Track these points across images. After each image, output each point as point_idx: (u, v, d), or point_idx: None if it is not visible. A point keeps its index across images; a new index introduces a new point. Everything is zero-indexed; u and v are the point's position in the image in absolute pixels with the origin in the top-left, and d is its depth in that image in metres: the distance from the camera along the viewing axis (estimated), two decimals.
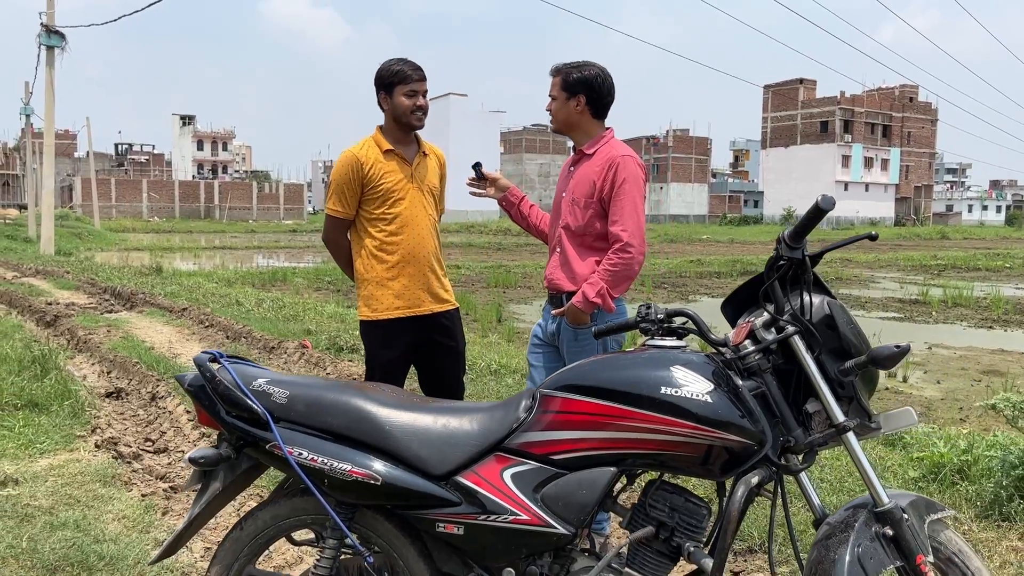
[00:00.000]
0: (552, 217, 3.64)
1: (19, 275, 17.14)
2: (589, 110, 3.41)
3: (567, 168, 3.59)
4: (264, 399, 2.23)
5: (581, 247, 3.40)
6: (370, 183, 3.61)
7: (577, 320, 3.30)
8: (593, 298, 3.24)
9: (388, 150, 3.63)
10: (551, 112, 3.47)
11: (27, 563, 3.33)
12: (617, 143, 3.45)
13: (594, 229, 3.37)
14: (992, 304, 15.60)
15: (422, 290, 3.70)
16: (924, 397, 8.34)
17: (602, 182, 3.32)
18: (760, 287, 2.20)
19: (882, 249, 39.49)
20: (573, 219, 3.41)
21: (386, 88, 3.60)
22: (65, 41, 23.78)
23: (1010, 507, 3.64)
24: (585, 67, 3.39)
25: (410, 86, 3.57)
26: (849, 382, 2.12)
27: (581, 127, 3.44)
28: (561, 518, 2.09)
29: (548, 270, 3.56)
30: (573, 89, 3.37)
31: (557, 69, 3.44)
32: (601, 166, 3.34)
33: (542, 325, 3.58)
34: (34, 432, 5.24)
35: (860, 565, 1.99)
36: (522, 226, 3.86)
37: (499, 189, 3.75)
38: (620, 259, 3.26)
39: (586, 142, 3.45)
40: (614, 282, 3.27)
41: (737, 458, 2.06)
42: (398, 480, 2.13)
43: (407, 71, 3.58)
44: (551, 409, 2.16)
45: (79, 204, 65.69)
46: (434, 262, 3.77)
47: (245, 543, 2.34)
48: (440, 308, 3.77)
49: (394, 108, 3.60)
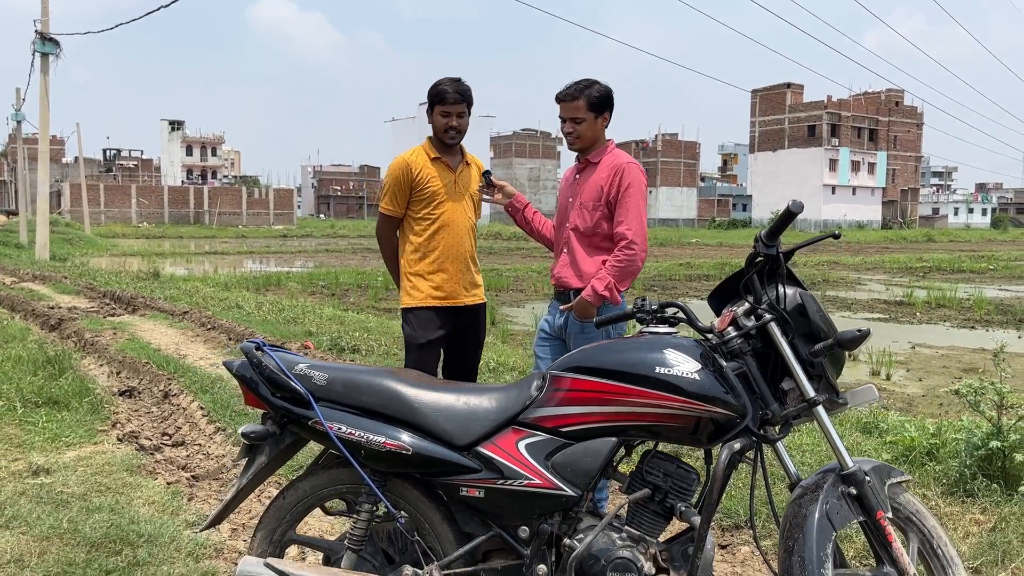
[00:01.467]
0: (558, 221, 3.94)
1: (17, 280, 17.33)
2: (607, 123, 3.74)
3: (572, 176, 3.89)
4: (306, 381, 2.52)
5: (589, 247, 3.72)
6: (417, 186, 3.97)
7: (585, 313, 3.61)
8: (602, 292, 3.56)
9: (435, 158, 3.99)
10: (577, 133, 3.68)
11: (71, 541, 3.60)
12: (620, 152, 3.77)
13: (601, 230, 3.69)
14: (975, 305, 16.00)
15: (458, 284, 4.05)
16: (906, 394, 8.68)
17: (608, 187, 3.64)
18: (741, 281, 2.52)
19: (869, 252, 40.04)
20: (582, 221, 3.72)
21: (430, 104, 3.94)
22: (59, 48, 23.98)
23: (973, 484, 3.96)
24: (597, 85, 3.67)
25: (446, 107, 3.89)
26: (819, 362, 2.43)
27: (600, 141, 3.76)
28: (569, 482, 2.39)
29: (556, 269, 3.87)
30: (600, 108, 3.67)
31: (574, 93, 3.64)
32: (608, 173, 3.66)
33: (549, 320, 3.88)
34: (58, 427, 5.51)
35: (828, 519, 2.31)
36: (525, 230, 4.17)
37: (506, 195, 3.99)
38: (626, 256, 3.60)
39: (593, 152, 3.75)
40: (620, 277, 3.61)
41: (722, 428, 2.38)
42: (426, 450, 2.43)
43: (446, 91, 3.88)
44: (560, 388, 2.46)
45: (67, 210, 65.62)
46: (470, 260, 4.10)
47: (287, 511, 2.63)
48: (472, 301, 4.13)
49: (433, 124, 3.95)
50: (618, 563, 2.37)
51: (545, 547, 2.43)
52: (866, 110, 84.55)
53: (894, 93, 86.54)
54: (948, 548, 2.53)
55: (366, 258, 31.89)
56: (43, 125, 24.12)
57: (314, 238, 53.33)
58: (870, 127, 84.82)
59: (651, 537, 2.44)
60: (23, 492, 4.23)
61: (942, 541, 2.53)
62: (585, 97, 3.64)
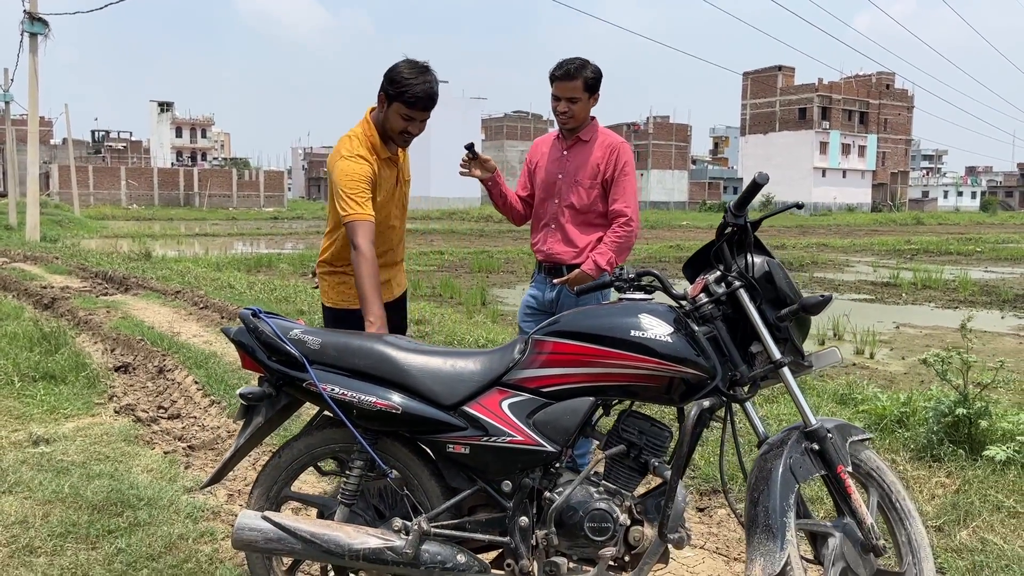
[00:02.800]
0: (542, 195, 3.97)
1: (8, 260, 17.35)
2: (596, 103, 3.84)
3: (559, 151, 3.90)
4: (300, 345, 2.66)
5: (583, 224, 3.83)
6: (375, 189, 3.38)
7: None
8: (603, 265, 3.71)
9: (387, 157, 3.40)
10: (572, 113, 3.74)
11: (73, 504, 3.74)
12: (607, 130, 3.88)
13: (596, 207, 3.81)
14: (960, 286, 16.21)
15: (393, 280, 3.69)
16: (889, 372, 8.86)
17: (605, 165, 3.77)
18: (712, 250, 2.66)
19: (858, 235, 40.30)
20: (577, 198, 3.81)
21: (387, 95, 3.26)
22: (48, 28, 23.84)
23: (940, 450, 4.14)
24: (591, 65, 3.74)
25: (412, 112, 3.25)
26: (785, 326, 2.58)
27: (588, 119, 3.86)
28: (549, 439, 2.54)
29: (543, 244, 3.92)
30: (594, 88, 3.77)
31: (572, 73, 3.68)
32: (603, 151, 3.78)
33: (536, 295, 3.97)
34: (56, 400, 5.64)
35: (791, 473, 2.46)
36: (498, 204, 4.12)
37: (487, 171, 3.93)
38: (625, 232, 3.76)
39: (582, 130, 3.85)
40: (619, 251, 3.76)
41: (693, 388, 2.52)
42: (414, 410, 2.57)
43: (417, 96, 3.21)
44: (542, 351, 2.60)
45: (56, 191, 65.26)
46: (401, 256, 3.78)
47: (283, 468, 2.77)
48: (400, 292, 3.77)
49: (386, 117, 3.30)
50: (595, 514, 2.52)
51: (527, 500, 2.58)
52: (857, 93, 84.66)
53: (885, 76, 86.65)
54: (906, 502, 2.70)
55: None
56: (32, 106, 24.01)
57: (305, 220, 53.27)
58: (861, 110, 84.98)
59: (626, 491, 2.59)
60: (24, 460, 4.36)
61: (900, 495, 2.69)
62: (583, 78, 3.70)
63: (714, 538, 3.65)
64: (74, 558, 3.22)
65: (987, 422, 4.05)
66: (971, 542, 3.40)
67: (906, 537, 2.67)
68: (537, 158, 4.03)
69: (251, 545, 2.59)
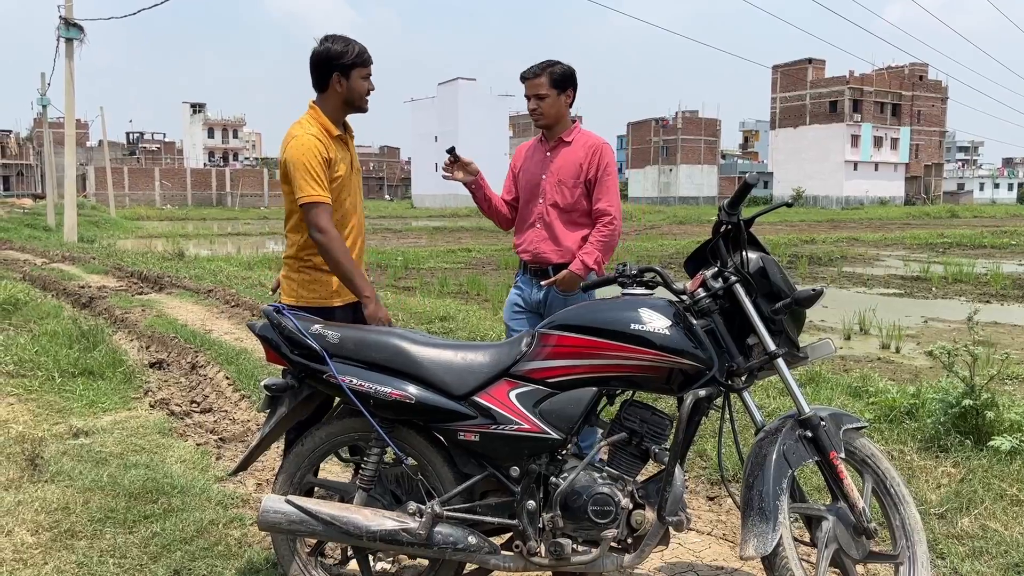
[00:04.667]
0: (526, 197, 4.01)
1: (48, 261, 17.84)
2: (571, 101, 3.92)
3: (542, 153, 3.98)
4: (321, 340, 2.82)
5: (568, 223, 3.89)
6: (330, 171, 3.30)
7: (571, 286, 3.79)
8: (591, 265, 3.78)
9: (338, 136, 3.36)
10: (541, 110, 3.84)
11: (111, 492, 3.95)
12: (589, 132, 3.95)
13: (581, 206, 3.87)
14: (992, 280, 16.03)
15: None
16: (914, 366, 8.86)
17: (588, 165, 3.84)
18: (708, 247, 2.79)
19: (890, 228, 39.84)
20: (562, 198, 3.88)
21: (342, 70, 3.28)
22: (83, 33, 24.39)
23: (947, 440, 4.22)
24: (559, 64, 3.84)
25: (368, 69, 3.36)
26: (779, 319, 2.70)
27: (565, 118, 3.93)
28: (554, 427, 2.68)
29: (529, 245, 3.96)
30: (562, 85, 3.85)
31: (536, 71, 3.81)
32: (585, 152, 3.85)
33: (521, 294, 4.02)
34: (94, 394, 5.89)
35: (785, 458, 2.59)
36: (483, 207, 4.13)
37: (469, 173, 3.96)
38: (609, 231, 3.83)
39: (564, 131, 3.93)
40: (605, 250, 3.83)
41: (691, 379, 2.65)
42: (428, 399, 2.73)
43: (366, 54, 3.34)
44: (547, 343, 2.75)
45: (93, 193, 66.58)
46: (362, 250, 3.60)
47: (305, 456, 2.94)
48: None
49: (350, 91, 3.32)
50: (598, 498, 2.66)
51: (534, 485, 2.72)
52: (889, 85, 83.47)
53: (918, 67, 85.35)
54: (900, 487, 2.80)
55: (386, 238, 32.29)
56: (68, 109, 24.59)
57: None
58: (893, 102, 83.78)
59: (629, 476, 2.72)
60: (65, 452, 4.59)
61: (895, 481, 2.80)
62: (548, 74, 3.80)
63: (722, 525, 3.77)
64: (112, 541, 3.43)
65: (994, 413, 4.11)
66: (972, 529, 3.48)
67: (900, 521, 2.78)
68: (520, 162, 4.09)
69: (276, 527, 2.77)
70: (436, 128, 78.56)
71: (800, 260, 20.46)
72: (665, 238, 31.10)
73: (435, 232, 36.34)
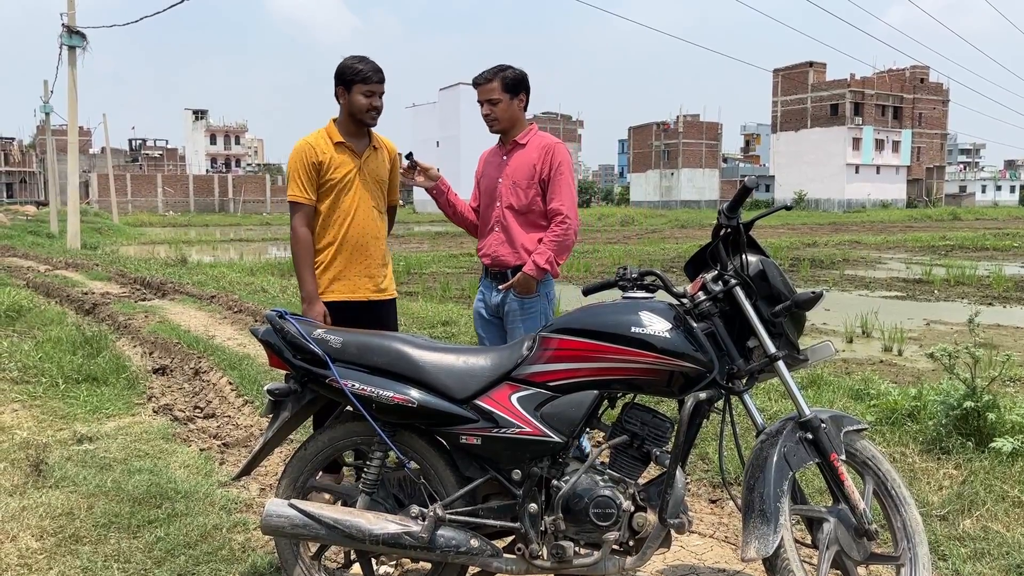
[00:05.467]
0: (485, 201, 4.02)
1: (51, 268, 17.90)
2: (524, 105, 3.93)
3: (499, 157, 4.00)
4: (323, 344, 2.84)
5: (525, 224, 3.88)
6: (322, 174, 3.71)
7: (527, 288, 3.80)
8: (543, 265, 3.77)
9: (339, 142, 3.74)
10: (494, 115, 3.85)
11: (115, 497, 3.97)
12: (545, 133, 3.97)
13: (536, 207, 3.86)
14: (994, 282, 16.01)
15: (360, 277, 3.82)
16: (916, 368, 8.85)
17: (541, 165, 3.84)
18: (708, 250, 2.80)
19: (892, 231, 39.81)
20: (516, 199, 3.87)
21: (345, 84, 3.71)
22: (86, 41, 24.48)
23: (949, 442, 4.23)
24: (511, 69, 3.85)
25: (369, 87, 3.69)
26: (779, 322, 2.71)
27: (520, 122, 3.94)
28: (555, 430, 2.69)
29: (489, 248, 3.97)
30: (515, 89, 3.86)
31: (488, 76, 3.82)
32: (538, 152, 3.85)
33: (484, 301, 4.02)
34: (98, 400, 5.91)
35: (785, 460, 2.60)
36: (447, 214, 4.14)
37: (430, 179, 3.94)
38: (562, 230, 3.80)
39: (518, 134, 3.94)
40: (558, 251, 3.82)
41: (692, 381, 2.67)
42: (429, 403, 2.74)
43: (368, 72, 3.69)
44: (548, 347, 2.76)
45: (96, 199, 66.71)
46: (376, 252, 3.87)
47: (308, 460, 2.96)
48: (377, 297, 3.88)
49: (351, 104, 3.71)
50: (600, 501, 2.67)
51: (536, 488, 2.73)
52: (890, 88, 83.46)
53: (919, 70, 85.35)
54: (901, 489, 2.81)
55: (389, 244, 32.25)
56: (71, 117, 24.67)
57: None
58: (894, 105, 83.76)
59: (630, 479, 2.73)
60: (69, 457, 4.60)
61: (896, 483, 2.81)
62: (500, 79, 3.81)
63: (724, 528, 3.77)
64: (117, 546, 3.44)
65: (995, 415, 4.12)
66: (974, 530, 3.49)
67: (901, 523, 2.78)
68: (481, 167, 4.11)
69: (279, 530, 2.78)
70: (438, 133, 78.72)
71: (802, 263, 20.46)
72: (666, 242, 31.09)
73: (437, 237, 36.36)
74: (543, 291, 3.87)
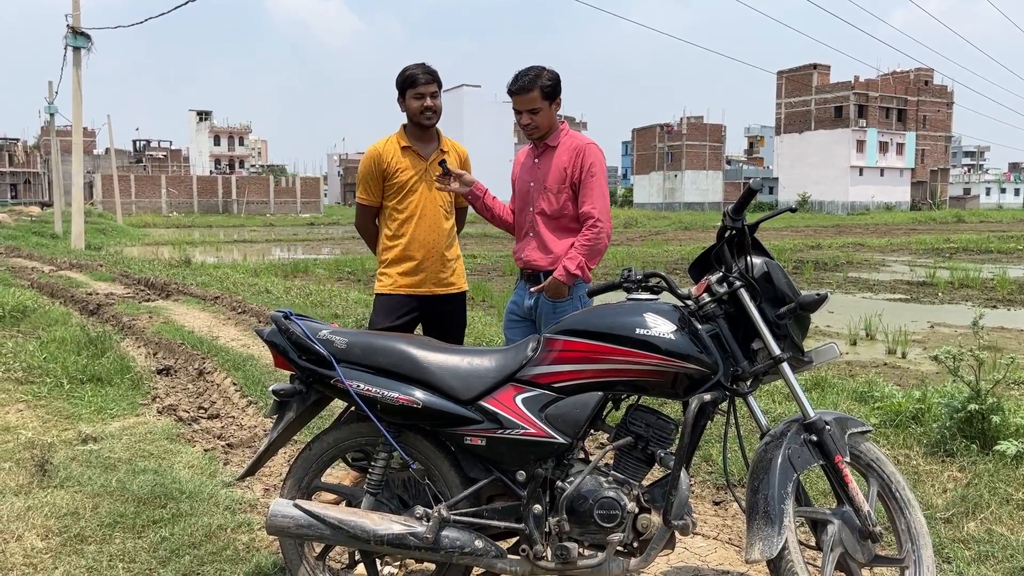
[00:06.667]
0: (519, 205, 4.01)
1: (56, 268, 17.93)
2: (559, 107, 3.85)
3: (530, 160, 3.97)
4: (328, 345, 2.85)
5: (557, 229, 3.84)
6: (388, 176, 4.01)
7: (558, 293, 3.76)
8: (574, 271, 3.72)
9: (405, 147, 4.02)
10: (535, 124, 3.79)
11: (120, 497, 3.98)
12: (576, 132, 3.89)
13: (568, 212, 3.81)
14: (998, 285, 16.00)
15: (426, 273, 4.07)
16: (920, 371, 8.84)
17: (572, 168, 3.77)
18: (713, 252, 2.80)
19: (896, 234, 39.77)
20: (548, 204, 3.83)
21: (401, 92, 3.99)
22: (91, 42, 24.55)
23: (953, 444, 4.22)
24: (546, 72, 3.77)
25: (418, 89, 3.92)
26: (784, 324, 2.71)
27: (555, 126, 3.88)
28: (560, 431, 2.70)
29: (522, 252, 3.97)
30: (553, 95, 3.79)
31: (527, 85, 3.71)
32: (569, 154, 3.79)
33: (517, 302, 4.01)
34: (103, 401, 5.92)
35: (790, 462, 2.60)
36: (486, 217, 4.17)
37: (464, 184, 3.93)
38: (593, 235, 3.74)
39: (550, 136, 3.87)
40: (590, 255, 3.76)
41: (696, 383, 2.67)
42: (434, 404, 2.74)
43: (416, 74, 3.92)
44: (553, 348, 2.76)
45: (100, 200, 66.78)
46: (443, 250, 4.11)
47: (313, 460, 2.96)
48: (443, 291, 4.14)
49: (407, 109, 3.98)
50: (604, 502, 2.67)
51: (540, 489, 2.74)
52: (894, 90, 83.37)
53: (923, 72, 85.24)
54: (906, 491, 2.81)
55: None
56: (76, 118, 24.73)
57: (341, 226, 53.89)
58: (899, 107, 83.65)
59: (634, 480, 2.73)
60: (74, 457, 4.61)
61: (900, 485, 2.80)
62: (539, 88, 3.72)
63: (727, 529, 3.77)
64: (122, 546, 3.45)
65: (999, 417, 4.12)
66: (978, 533, 3.49)
67: (905, 525, 2.78)
68: (517, 170, 4.07)
69: (284, 531, 2.79)
70: None
71: (806, 266, 20.44)
72: (670, 244, 31.09)
73: None
74: (576, 294, 3.79)
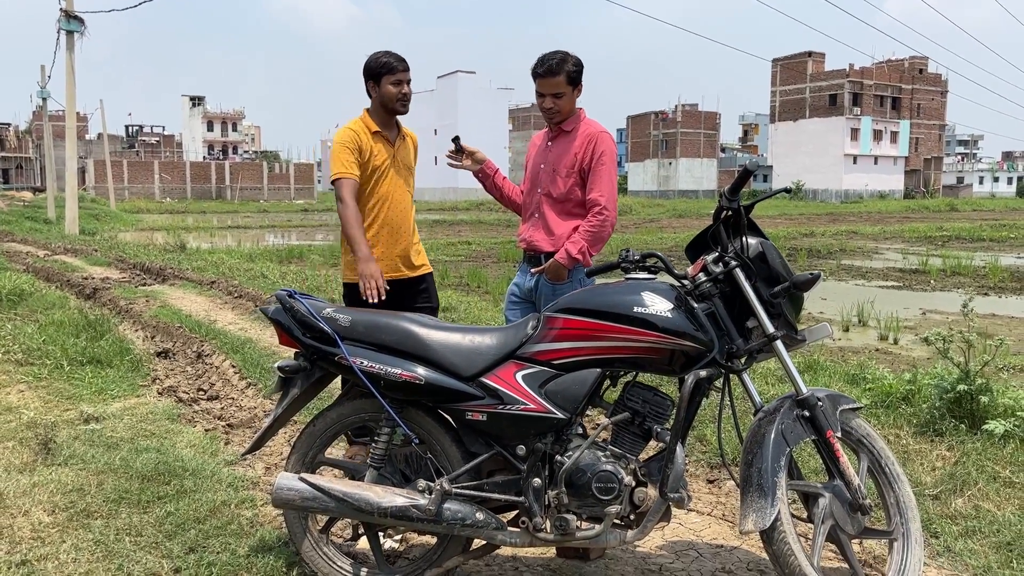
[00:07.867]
0: (529, 186, 4.03)
1: (50, 253, 17.91)
2: (580, 93, 3.88)
3: (544, 143, 4.00)
4: (332, 323, 2.91)
5: (561, 213, 3.87)
6: (363, 157, 3.97)
7: (558, 276, 3.80)
8: (575, 255, 3.76)
9: (376, 132, 4.01)
10: (558, 107, 3.79)
11: (124, 475, 4.04)
12: (592, 120, 3.92)
13: (575, 196, 3.85)
14: (990, 272, 16.11)
15: (398, 257, 4.07)
16: (912, 357, 8.94)
17: (583, 154, 3.80)
18: (709, 232, 2.87)
19: (889, 222, 39.91)
20: (555, 188, 3.86)
21: (374, 78, 3.98)
22: (84, 26, 24.41)
23: (942, 424, 4.31)
24: (571, 57, 3.79)
25: (396, 76, 3.96)
26: (778, 303, 2.78)
27: (573, 111, 3.91)
28: (559, 407, 2.77)
29: (526, 233, 4.00)
30: (577, 80, 3.81)
31: (554, 69, 3.73)
32: (582, 141, 3.82)
33: (519, 283, 4.05)
34: (103, 382, 5.97)
35: (783, 437, 2.67)
36: (495, 196, 4.23)
37: (476, 162, 4.02)
38: (598, 221, 3.78)
39: (566, 121, 3.88)
40: (593, 241, 3.79)
41: (692, 360, 2.74)
42: (436, 381, 2.81)
43: (393, 63, 3.97)
44: (553, 326, 2.83)
45: (92, 186, 66.54)
46: (410, 234, 4.14)
47: (317, 436, 3.03)
48: (415, 273, 4.15)
49: (382, 96, 3.98)
50: (602, 475, 2.74)
51: (540, 463, 2.81)
52: (889, 78, 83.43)
53: (918, 61, 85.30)
54: (895, 466, 2.89)
55: None
56: (69, 102, 24.61)
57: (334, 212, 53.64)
58: (893, 95, 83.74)
59: (631, 455, 2.81)
60: (77, 437, 4.67)
61: (889, 460, 2.89)
62: (565, 72, 3.73)
63: (721, 506, 3.85)
64: (128, 520, 3.51)
65: (988, 398, 4.20)
66: (965, 509, 3.58)
67: (894, 499, 2.87)
68: (530, 151, 4.11)
69: (289, 503, 2.86)
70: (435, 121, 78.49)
71: (799, 253, 20.55)
72: (664, 231, 31.16)
73: (435, 225, 36.35)
74: (575, 277, 3.82)
